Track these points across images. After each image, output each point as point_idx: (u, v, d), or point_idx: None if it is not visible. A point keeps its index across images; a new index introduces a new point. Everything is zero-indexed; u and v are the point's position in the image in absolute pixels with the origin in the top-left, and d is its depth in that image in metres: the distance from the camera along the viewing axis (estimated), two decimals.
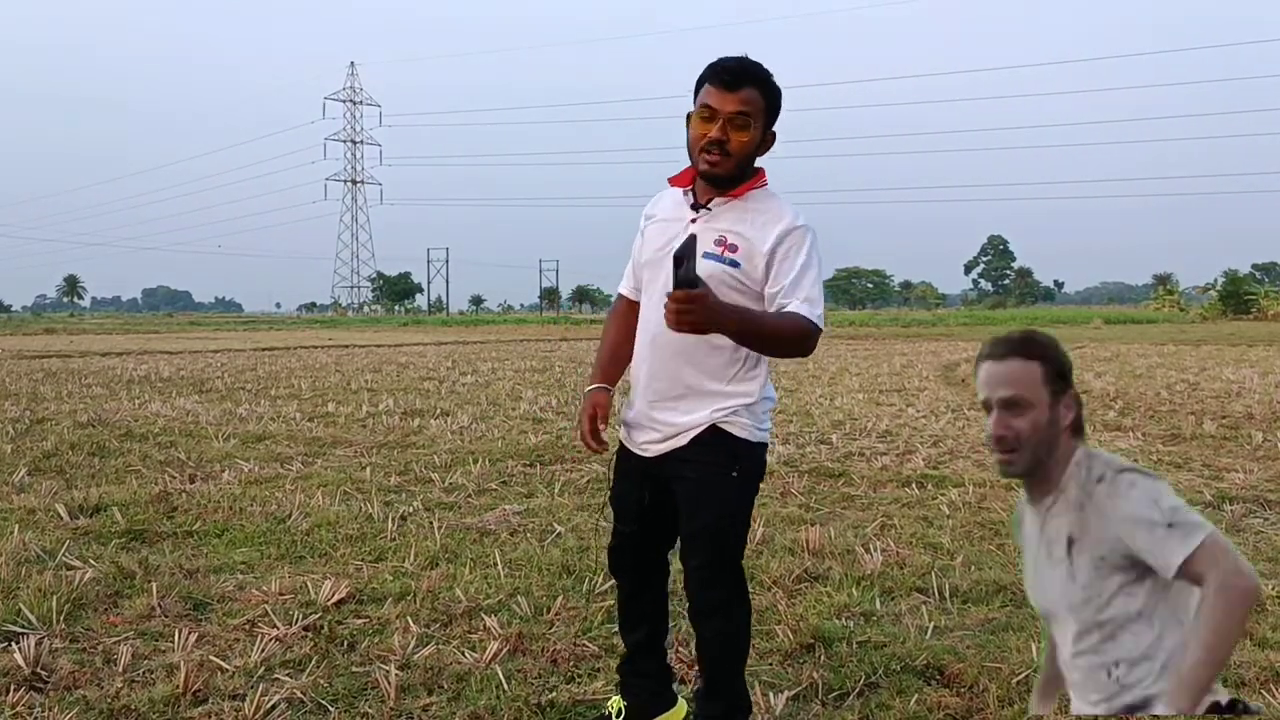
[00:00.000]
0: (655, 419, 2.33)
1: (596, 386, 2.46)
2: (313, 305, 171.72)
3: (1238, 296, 52.21)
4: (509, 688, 2.77)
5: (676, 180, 2.38)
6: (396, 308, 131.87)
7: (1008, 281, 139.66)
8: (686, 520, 2.35)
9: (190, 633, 3.15)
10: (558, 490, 5.53)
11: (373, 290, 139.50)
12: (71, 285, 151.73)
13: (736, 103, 2.18)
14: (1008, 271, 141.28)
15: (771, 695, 2.70)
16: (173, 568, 3.92)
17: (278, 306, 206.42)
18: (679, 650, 3.01)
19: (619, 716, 2.52)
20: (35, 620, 3.26)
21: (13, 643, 3.04)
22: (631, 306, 2.49)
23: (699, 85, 2.24)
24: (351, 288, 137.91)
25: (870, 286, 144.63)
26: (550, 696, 2.74)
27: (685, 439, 2.30)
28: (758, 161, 2.30)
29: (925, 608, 3.49)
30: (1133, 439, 7.42)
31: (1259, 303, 49.68)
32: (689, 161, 2.30)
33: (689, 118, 2.26)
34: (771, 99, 2.24)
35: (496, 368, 15.98)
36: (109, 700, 2.68)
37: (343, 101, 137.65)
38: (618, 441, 2.50)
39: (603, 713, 2.58)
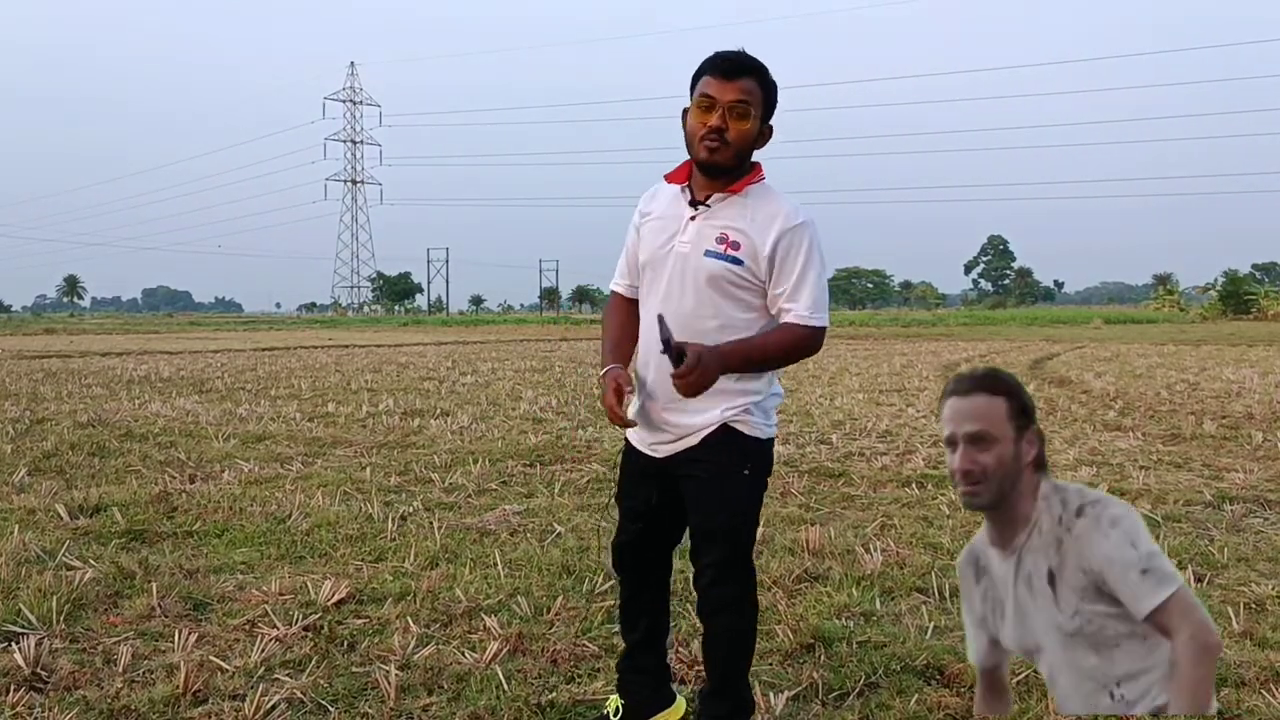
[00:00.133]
0: (666, 420, 2.32)
1: (612, 366, 2.38)
2: (313, 305, 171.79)
3: (1238, 296, 52.23)
4: (509, 688, 2.77)
5: (673, 176, 2.37)
6: (396, 308, 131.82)
7: (1008, 281, 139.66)
8: (698, 518, 2.35)
9: (190, 633, 3.15)
10: (558, 490, 5.53)
11: (373, 290, 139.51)
12: (71, 285, 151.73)
13: (736, 91, 2.19)
14: (1008, 271, 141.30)
15: (771, 695, 2.70)
16: (173, 568, 3.92)
17: (278, 306, 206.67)
18: (678, 650, 3.01)
19: (617, 715, 2.52)
20: (35, 620, 3.25)
21: (13, 643, 3.04)
22: (628, 303, 2.48)
23: (696, 78, 2.25)
24: (351, 288, 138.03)
25: (870, 286, 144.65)
26: (550, 696, 2.74)
27: (696, 439, 2.30)
28: (755, 156, 2.30)
29: (925, 608, 3.49)
30: (1133, 439, 7.42)
31: (1259, 303, 49.70)
32: (687, 157, 2.31)
33: (685, 112, 2.27)
34: (769, 91, 2.25)
35: (496, 368, 15.98)
36: (109, 700, 2.68)
37: (343, 101, 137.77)
38: (623, 439, 2.50)
39: (602, 713, 2.58)
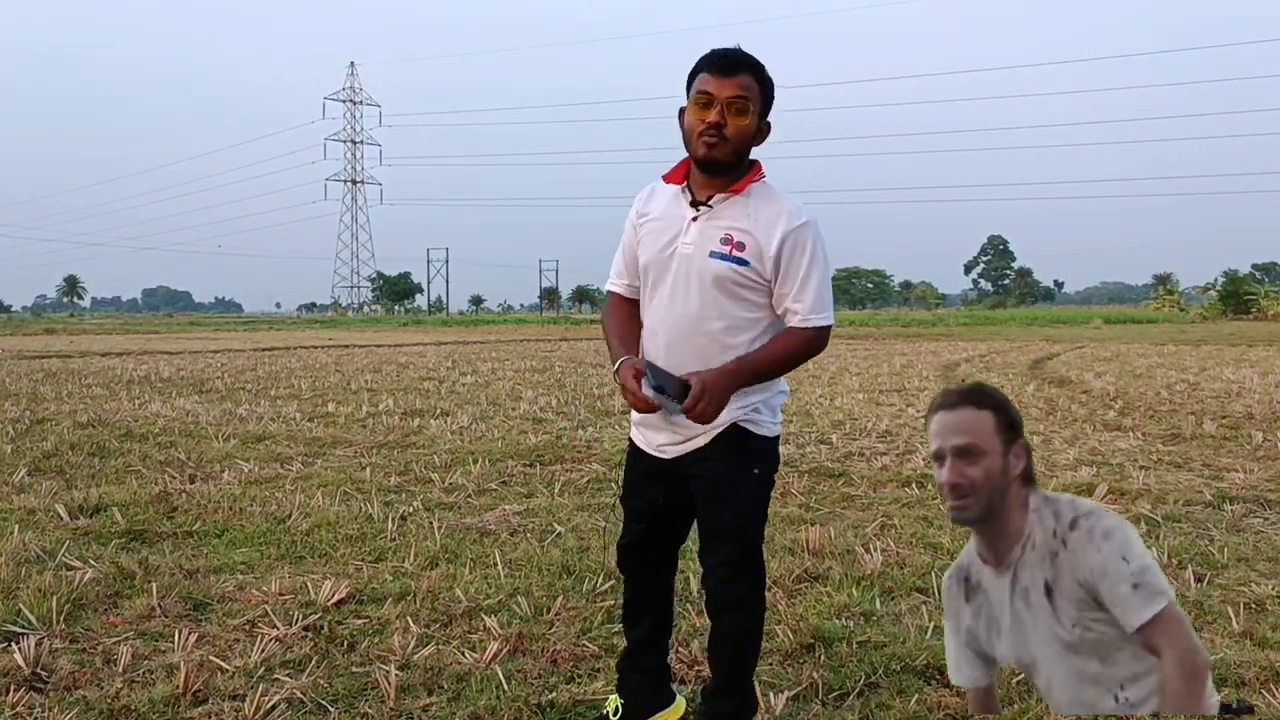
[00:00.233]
0: (674, 422, 2.31)
1: (625, 357, 2.32)
2: (313, 305, 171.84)
3: (1238, 296, 52.20)
4: (509, 688, 2.77)
5: (670, 177, 2.37)
6: (396, 308, 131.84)
7: (1008, 281, 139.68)
8: (708, 517, 2.35)
9: (190, 633, 3.15)
10: (558, 490, 5.53)
11: (373, 290, 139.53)
12: (71, 285, 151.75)
13: (734, 87, 2.19)
14: (1008, 271, 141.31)
15: (771, 695, 2.70)
16: (173, 568, 3.92)
17: (278, 306, 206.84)
18: (678, 650, 3.01)
19: (617, 715, 2.52)
20: (35, 620, 3.25)
21: (13, 643, 3.04)
22: (628, 303, 2.47)
23: (692, 76, 2.25)
24: (351, 288, 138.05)
25: (870, 286, 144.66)
26: (550, 696, 2.74)
27: (706, 438, 2.30)
28: (754, 154, 2.30)
29: (925, 608, 3.48)
30: (1133, 439, 7.42)
31: (1259, 303, 49.68)
32: (686, 156, 2.31)
33: (682, 111, 2.27)
34: (766, 87, 2.25)
35: (496, 368, 15.98)
36: (109, 700, 2.68)
37: (343, 101, 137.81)
38: (626, 440, 2.49)
39: (602, 712, 2.58)
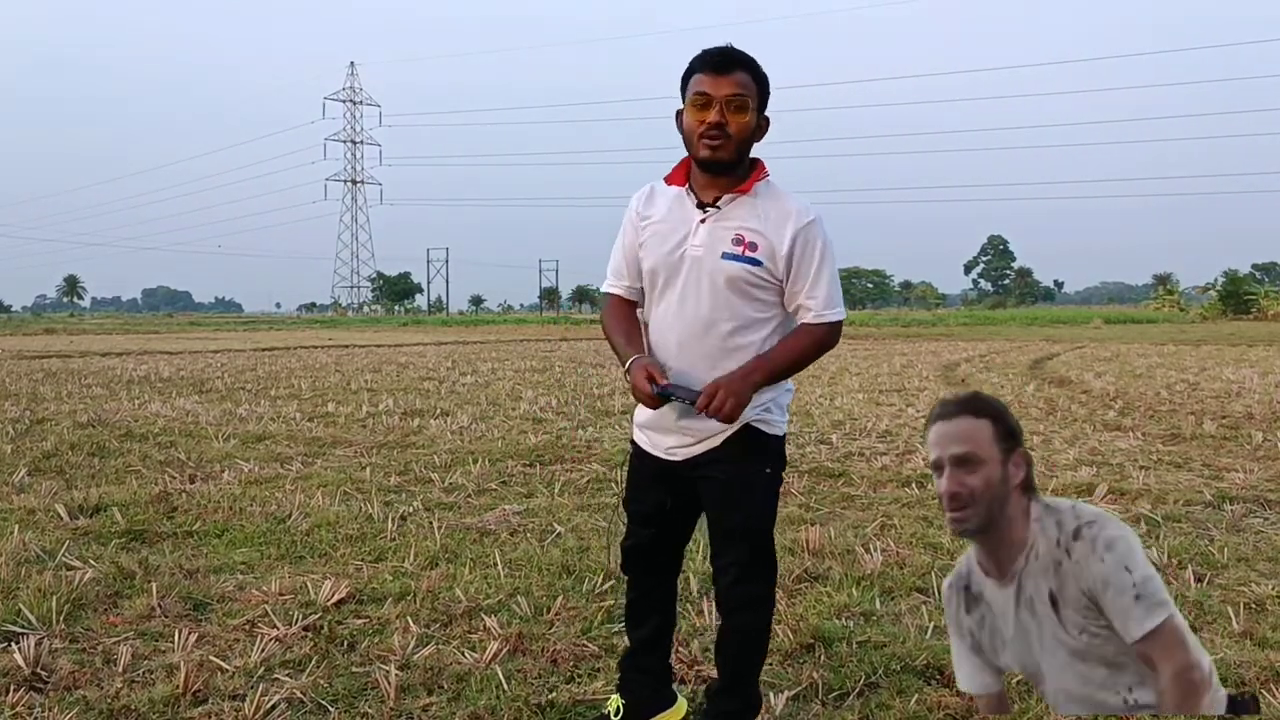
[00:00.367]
0: (685, 425, 2.30)
1: (636, 356, 2.30)
2: (313, 305, 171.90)
3: (1238, 296, 52.20)
4: (509, 688, 2.77)
5: (671, 179, 2.36)
6: (396, 308, 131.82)
7: (1008, 281, 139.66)
8: (720, 519, 2.34)
9: (190, 633, 3.15)
10: (558, 490, 5.53)
11: (373, 290, 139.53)
12: (71, 285, 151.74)
13: (731, 85, 2.19)
14: (1008, 271, 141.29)
15: (772, 695, 2.70)
16: (173, 568, 3.92)
17: (278, 306, 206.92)
18: (678, 650, 3.01)
19: (617, 715, 2.51)
20: (35, 620, 3.25)
21: (13, 643, 3.04)
22: (628, 304, 2.45)
23: (686, 78, 2.25)
24: (351, 288, 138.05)
25: (870, 286, 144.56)
26: (550, 696, 2.74)
27: (718, 440, 2.29)
28: (755, 152, 2.30)
29: (925, 608, 3.48)
30: (1133, 439, 7.42)
31: (1259, 303, 49.68)
32: (685, 156, 2.30)
33: (679, 114, 2.27)
34: (761, 83, 2.25)
35: (496, 368, 15.98)
36: (109, 700, 2.68)
37: (343, 101, 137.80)
38: (628, 440, 2.49)
39: (602, 712, 2.58)
